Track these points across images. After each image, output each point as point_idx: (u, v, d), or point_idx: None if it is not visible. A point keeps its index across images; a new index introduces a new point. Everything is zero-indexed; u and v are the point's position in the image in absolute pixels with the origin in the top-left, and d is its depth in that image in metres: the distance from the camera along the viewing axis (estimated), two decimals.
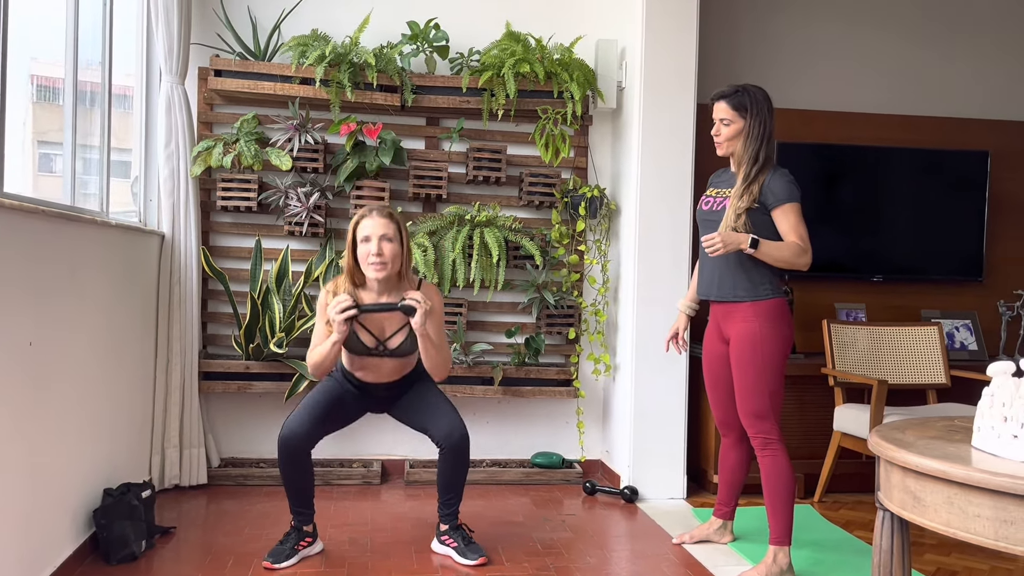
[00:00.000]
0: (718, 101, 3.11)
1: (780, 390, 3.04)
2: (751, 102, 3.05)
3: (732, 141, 3.09)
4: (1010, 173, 4.97)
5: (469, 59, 4.29)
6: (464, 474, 3.17)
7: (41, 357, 2.62)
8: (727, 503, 3.39)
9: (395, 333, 3.08)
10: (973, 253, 4.88)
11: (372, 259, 2.98)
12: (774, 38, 4.82)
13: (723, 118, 3.09)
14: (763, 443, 3.04)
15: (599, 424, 4.55)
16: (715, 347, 3.22)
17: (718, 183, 3.24)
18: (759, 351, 3.00)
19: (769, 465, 3.03)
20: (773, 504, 3.04)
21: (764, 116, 3.05)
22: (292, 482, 3.08)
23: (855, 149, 4.76)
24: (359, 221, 3.03)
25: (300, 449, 3.03)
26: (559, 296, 4.30)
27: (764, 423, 3.03)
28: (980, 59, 5.02)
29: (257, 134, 4.10)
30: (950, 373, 4.26)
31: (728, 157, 3.17)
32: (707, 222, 3.16)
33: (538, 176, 4.31)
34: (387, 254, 2.99)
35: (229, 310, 4.22)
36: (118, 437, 3.43)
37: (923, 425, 2.27)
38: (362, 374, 3.13)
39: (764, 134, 3.04)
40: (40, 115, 3.44)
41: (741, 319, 3.05)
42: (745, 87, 3.09)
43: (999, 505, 1.76)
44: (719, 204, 3.12)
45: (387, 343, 3.07)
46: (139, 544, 3.07)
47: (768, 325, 3.00)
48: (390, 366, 3.12)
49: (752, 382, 3.01)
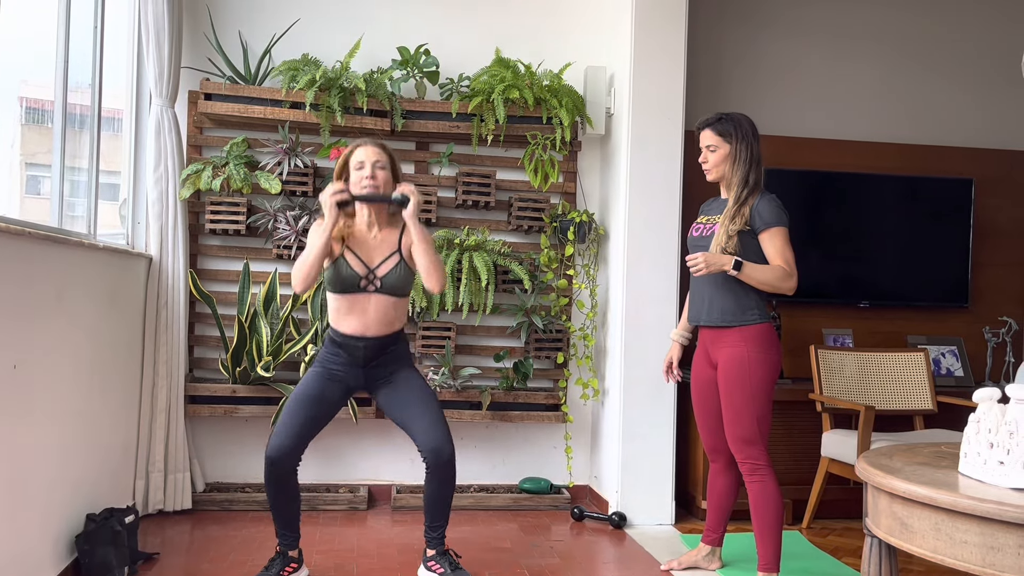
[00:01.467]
0: (704, 129, 3.18)
1: (768, 415, 3.05)
2: (735, 127, 3.12)
3: (719, 166, 3.15)
4: (994, 200, 5.02)
5: (459, 84, 4.32)
6: (451, 493, 3.12)
7: (25, 380, 2.60)
8: (715, 529, 3.38)
9: (384, 261, 3.06)
10: (958, 280, 4.92)
11: (365, 182, 3.03)
12: (760, 66, 4.87)
13: (709, 144, 3.16)
14: (752, 469, 3.05)
15: (587, 449, 4.54)
16: (703, 372, 3.23)
17: (709, 211, 3.28)
18: (747, 376, 3.01)
19: (758, 491, 3.04)
20: (762, 531, 3.04)
21: (749, 140, 3.12)
22: (278, 503, 3.04)
23: (841, 176, 4.81)
24: (352, 151, 3.09)
25: (290, 466, 2.99)
26: (548, 320, 4.31)
27: (752, 448, 3.03)
28: (965, 87, 5.08)
29: (247, 157, 4.10)
30: (937, 399, 4.27)
31: (718, 183, 3.23)
32: (697, 248, 3.18)
33: (527, 201, 4.32)
34: (380, 179, 3.04)
35: (216, 333, 4.20)
36: (102, 461, 3.39)
37: (910, 451, 2.28)
38: (350, 321, 3.05)
39: (751, 158, 3.11)
40: (29, 137, 3.43)
41: (729, 344, 3.07)
42: (729, 114, 3.17)
43: (986, 531, 1.76)
44: (708, 230, 3.16)
45: (376, 271, 3.05)
46: (122, 570, 3.03)
47: (756, 350, 3.03)
48: (378, 308, 3.05)
49: (740, 407, 3.03)
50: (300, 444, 3.01)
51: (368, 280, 3.05)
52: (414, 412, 3.08)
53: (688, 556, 3.42)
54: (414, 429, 3.07)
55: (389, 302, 3.08)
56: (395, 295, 3.09)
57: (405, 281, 3.09)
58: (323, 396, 3.08)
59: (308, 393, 3.06)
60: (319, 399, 3.06)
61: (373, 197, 3.04)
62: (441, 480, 3.07)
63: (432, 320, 4.25)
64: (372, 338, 3.08)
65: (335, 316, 3.10)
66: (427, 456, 3.04)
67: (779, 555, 3.03)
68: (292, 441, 2.99)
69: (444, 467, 3.04)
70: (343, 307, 3.08)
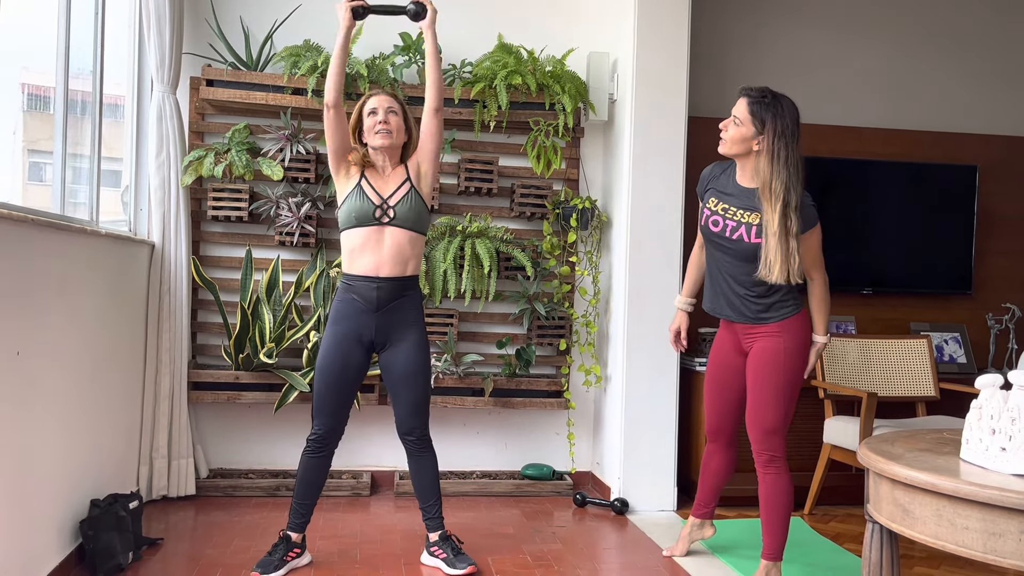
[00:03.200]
0: (741, 97, 2.91)
1: (793, 408, 2.99)
2: (774, 115, 2.82)
3: (736, 144, 2.89)
4: (998, 187, 5.00)
5: (461, 71, 4.30)
6: (433, 474, 3.19)
7: (29, 367, 2.61)
8: (707, 504, 3.37)
9: (396, 190, 3.09)
10: (962, 266, 4.91)
11: (379, 127, 3.06)
12: (765, 52, 4.85)
13: (736, 116, 2.89)
14: (769, 460, 2.99)
15: (590, 435, 4.54)
16: (728, 358, 3.13)
17: (723, 194, 3.00)
18: (781, 368, 2.93)
19: (772, 483, 2.99)
20: (771, 520, 3.01)
21: (788, 137, 2.81)
22: (308, 482, 3.12)
23: (845, 162, 4.79)
24: (365, 100, 3.13)
25: (333, 443, 3.12)
26: (550, 307, 4.31)
27: (774, 439, 2.97)
28: (969, 73, 5.06)
29: (249, 144, 4.10)
30: (939, 386, 4.27)
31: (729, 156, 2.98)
32: (718, 246, 3.00)
33: (529, 187, 4.32)
34: (392, 124, 3.08)
35: (219, 320, 4.21)
36: (105, 447, 3.40)
37: (912, 438, 2.28)
38: (364, 260, 3.06)
39: (791, 158, 2.81)
40: (31, 124, 3.43)
41: (765, 333, 2.97)
42: (777, 96, 2.86)
43: (987, 518, 1.76)
44: (733, 231, 2.93)
45: (389, 200, 3.07)
46: (126, 556, 3.05)
47: (793, 341, 2.94)
48: (391, 242, 3.06)
49: (769, 398, 2.95)
50: (342, 420, 3.13)
51: (382, 210, 3.07)
52: (399, 390, 3.14)
53: (684, 537, 3.42)
54: (395, 406, 3.17)
55: (404, 237, 3.09)
56: (408, 228, 3.10)
57: (418, 213, 3.11)
58: (347, 364, 3.09)
59: (332, 368, 3.08)
60: (344, 368, 3.09)
61: (386, 8, 3.16)
62: (418, 460, 3.18)
63: (435, 307, 4.25)
64: (386, 278, 3.07)
65: (349, 257, 3.10)
66: (402, 436, 3.17)
67: (784, 545, 3.03)
68: (333, 419, 3.11)
69: (418, 448, 3.16)
70: (357, 244, 3.08)
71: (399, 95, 3.18)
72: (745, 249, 2.91)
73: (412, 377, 3.13)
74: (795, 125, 2.85)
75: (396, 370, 3.13)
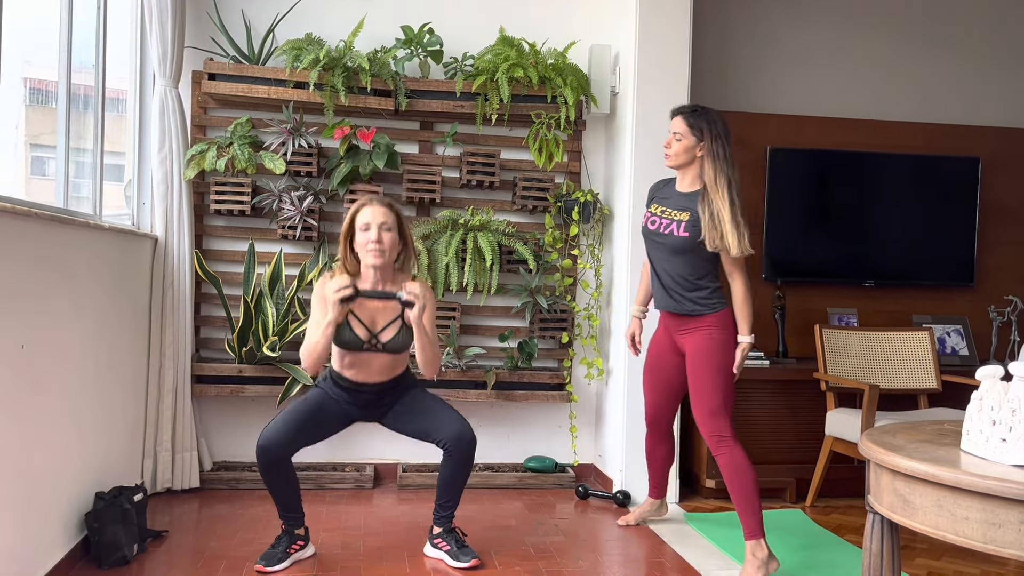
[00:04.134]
0: (675, 116, 3.28)
1: (732, 391, 3.26)
2: (708, 124, 3.20)
3: (680, 156, 3.25)
4: (1001, 179, 5.00)
5: (463, 64, 4.30)
6: (467, 477, 3.17)
7: (33, 360, 2.62)
8: (660, 485, 3.71)
9: (388, 326, 3.06)
10: (964, 258, 4.91)
11: (371, 246, 2.99)
12: (766, 44, 4.84)
13: (676, 132, 3.25)
14: (718, 441, 3.18)
15: (592, 428, 4.55)
16: (665, 352, 3.45)
17: (664, 200, 3.36)
18: (716, 354, 3.21)
19: (727, 462, 3.15)
20: (739, 500, 3.14)
21: (723, 141, 3.18)
22: (275, 489, 3.07)
23: (847, 155, 4.79)
24: (359, 209, 3.05)
25: (278, 457, 2.99)
26: (552, 300, 4.31)
27: (718, 420, 3.19)
28: (971, 65, 5.05)
29: (251, 138, 4.10)
30: (941, 378, 4.28)
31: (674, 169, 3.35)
32: (654, 243, 3.33)
33: (532, 180, 4.32)
34: (386, 242, 3.01)
35: (222, 313, 4.22)
36: (110, 440, 3.42)
37: (913, 429, 2.28)
38: (352, 372, 3.10)
39: (730, 157, 3.18)
40: (33, 118, 3.44)
41: (698, 327, 3.26)
42: (705, 108, 3.26)
43: (987, 508, 1.77)
44: (666, 227, 3.27)
45: (379, 336, 3.05)
46: (131, 548, 3.06)
47: (724, 333, 3.23)
48: (380, 363, 3.09)
49: (710, 383, 3.21)
50: (293, 443, 3.02)
51: (371, 344, 3.05)
52: (429, 420, 3.12)
53: (640, 511, 3.74)
54: (434, 427, 3.10)
55: (394, 358, 3.11)
56: (399, 353, 3.11)
57: (410, 343, 3.08)
58: (325, 411, 3.11)
59: (310, 407, 3.09)
60: (320, 411, 3.10)
61: (379, 295, 3.03)
62: (459, 462, 3.11)
63: (437, 300, 4.25)
64: (376, 384, 3.12)
65: (336, 361, 3.11)
66: (450, 444, 3.08)
67: (761, 521, 3.11)
68: (285, 438, 2.99)
69: (466, 449, 3.09)
70: (345, 359, 3.08)
71: (394, 205, 3.07)
72: (675, 242, 3.24)
73: (437, 405, 3.14)
74: (726, 128, 3.23)
75: (414, 412, 3.14)
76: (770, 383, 4.28)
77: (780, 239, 4.75)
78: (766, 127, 4.76)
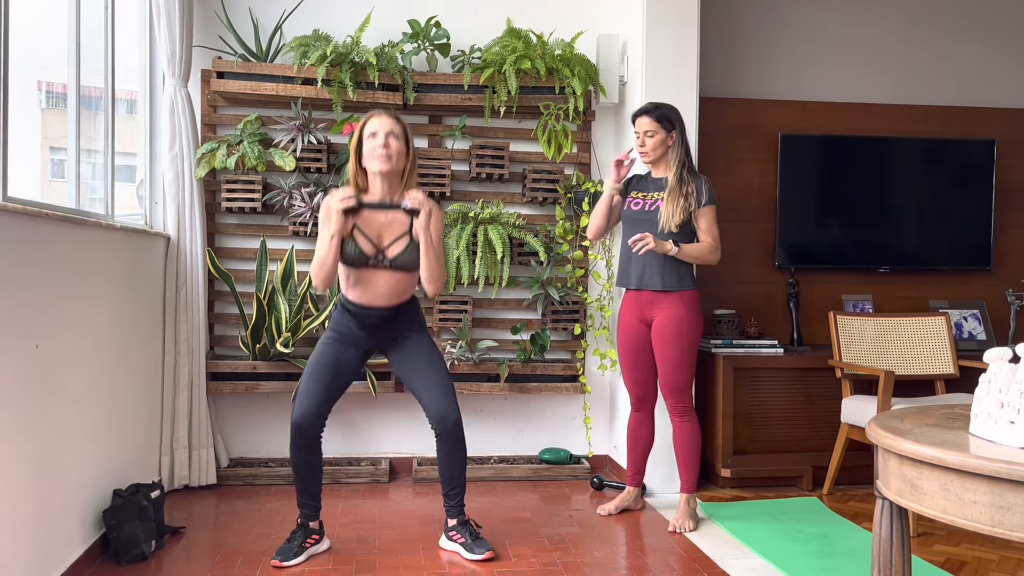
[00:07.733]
0: (641, 116, 3.55)
1: (695, 367, 3.60)
2: (672, 116, 3.53)
3: (656, 150, 3.53)
4: (1017, 161, 4.94)
5: (470, 56, 4.30)
6: (462, 460, 3.17)
7: (48, 360, 2.65)
8: (640, 473, 3.80)
9: (394, 242, 3.06)
10: (981, 242, 4.85)
11: (378, 151, 3.00)
12: (776, 29, 4.81)
13: (647, 131, 3.53)
14: (682, 411, 3.58)
15: (606, 419, 4.55)
16: (636, 330, 3.61)
17: (643, 187, 3.62)
18: (684, 333, 3.50)
19: (688, 430, 3.59)
20: (686, 460, 3.59)
21: (682, 127, 3.56)
22: (300, 469, 3.10)
23: (860, 140, 4.74)
24: (366, 121, 3.07)
25: (313, 431, 3.05)
26: (564, 292, 4.31)
27: (684, 395, 3.57)
28: (986, 47, 4.99)
29: (260, 135, 4.12)
30: (958, 363, 4.23)
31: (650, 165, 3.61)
32: (638, 221, 3.55)
33: (541, 172, 4.31)
34: (393, 148, 3.02)
35: (235, 311, 4.25)
36: (127, 438, 3.46)
37: (922, 413, 2.26)
38: (358, 293, 3.08)
39: (685, 143, 3.55)
40: (50, 121, 3.47)
41: (667, 305, 3.51)
42: (662, 104, 3.58)
43: (995, 491, 1.75)
44: (651, 205, 3.53)
45: (386, 251, 3.05)
46: (149, 544, 3.10)
47: (690, 312, 3.51)
48: (386, 282, 3.07)
49: (676, 360, 3.51)
50: (323, 410, 3.07)
51: (377, 260, 3.05)
52: (422, 378, 3.12)
53: (620, 499, 3.79)
54: (421, 396, 3.13)
55: (399, 276, 3.09)
56: (405, 271, 3.10)
57: (416, 261, 3.08)
58: (339, 362, 3.12)
59: (324, 361, 3.10)
60: (335, 365, 3.10)
61: (381, 205, 3.04)
62: (449, 446, 3.13)
63: (448, 294, 4.26)
64: (382, 307, 3.10)
65: (344, 284, 3.12)
66: (433, 423, 3.11)
67: (697, 478, 3.62)
68: (314, 409, 3.04)
69: (450, 433, 3.10)
70: (351, 278, 3.09)
71: (401, 118, 3.09)
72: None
73: (431, 362, 3.14)
74: (681, 117, 3.59)
75: (412, 361, 3.14)
76: (785, 371, 4.25)
77: (793, 226, 4.71)
78: (777, 114, 4.73)
